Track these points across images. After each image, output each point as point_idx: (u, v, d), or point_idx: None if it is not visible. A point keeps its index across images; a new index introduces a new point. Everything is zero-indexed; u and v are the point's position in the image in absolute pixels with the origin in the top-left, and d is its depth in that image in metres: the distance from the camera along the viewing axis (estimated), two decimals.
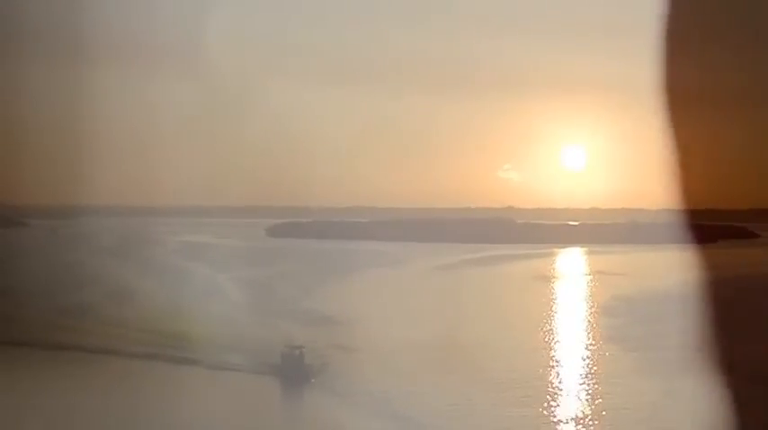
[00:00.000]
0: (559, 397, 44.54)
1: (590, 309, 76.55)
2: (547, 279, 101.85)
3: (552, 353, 55.81)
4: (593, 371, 50.33)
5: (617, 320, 67.60)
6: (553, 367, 51.13)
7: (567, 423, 40.27)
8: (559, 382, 47.49)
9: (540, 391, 44.93)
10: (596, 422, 39.28)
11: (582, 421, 40.72)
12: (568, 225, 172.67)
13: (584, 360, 53.77)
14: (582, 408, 41.91)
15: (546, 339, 60.25)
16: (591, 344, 58.61)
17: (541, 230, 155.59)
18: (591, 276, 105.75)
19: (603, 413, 39.88)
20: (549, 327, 66.11)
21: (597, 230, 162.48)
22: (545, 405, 42.56)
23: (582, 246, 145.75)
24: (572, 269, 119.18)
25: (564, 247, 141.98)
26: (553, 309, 79.17)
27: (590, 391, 44.64)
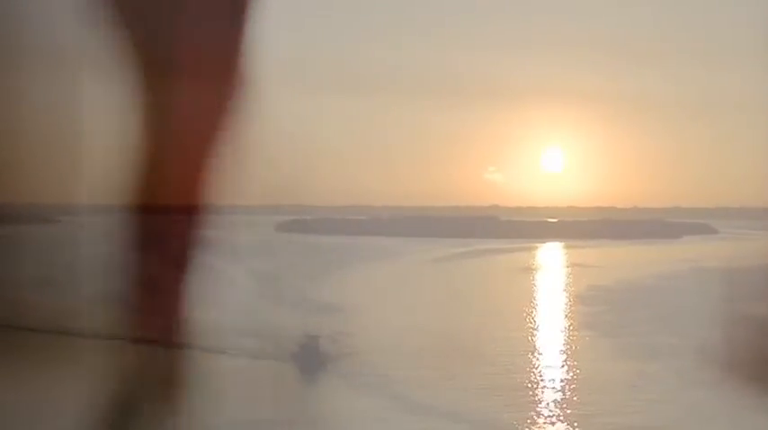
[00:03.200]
0: (540, 373, 45.01)
1: (568, 297, 76.94)
2: (529, 270, 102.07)
3: (534, 336, 56.16)
4: (570, 353, 50.74)
5: (592, 308, 67.93)
6: (534, 349, 51.51)
7: (548, 390, 40.86)
8: (540, 362, 47.90)
9: (523, 369, 45.40)
10: (571, 394, 39.70)
11: (559, 388, 41.24)
12: (548, 222, 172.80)
13: (563, 343, 54.20)
14: (559, 381, 42.38)
15: (528, 324, 60.58)
16: (569, 329, 58.97)
17: (523, 227, 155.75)
18: (569, 268, 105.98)
19: (578, 392, 40.27)
20: (531, 313, 66.44)
21: (574, 227, 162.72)
22: (528, 380, 43.04)
23: (560, 241, 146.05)
24: (552, 261, 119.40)
25: (544, 242, 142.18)
26: (535, 297, 79.58)
27: (567, 370, 45.04)
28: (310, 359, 43.49)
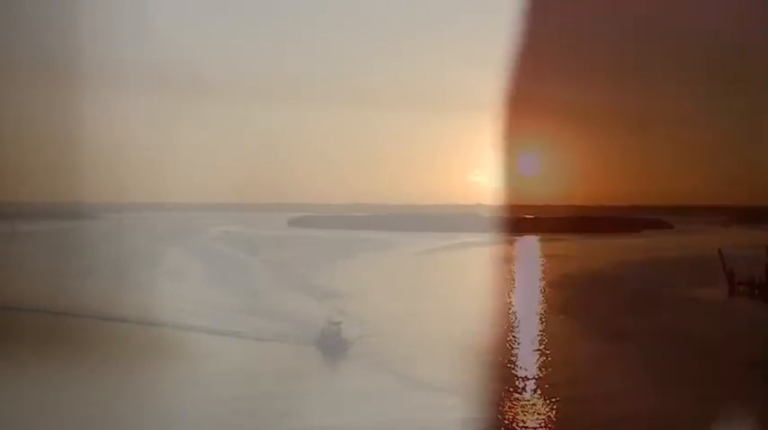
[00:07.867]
0: (518, 351, 44.92)
1: (543, 284, 76.85)
2: (508, 260, 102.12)
3: (513, 319, 56.04)
4: (544, 331, 50.66)
5: (564, 293, 67.95)
6: (513, 330, 51.42)
7: (526, 364, 40.82)
8: (518, 342, 47.82)
9: (504, 348, 45.36)
10: (546, 374, 39.63)
11: (535, 364, 41.21)
12: (525, 218, 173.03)
13: (538, 323, 54.10)
14: (534, 358, 42.31)
15: (508, 308, 60.50)
16: (544, 312, 58.87)
17: (504, 222, 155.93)
18: (544, 259, 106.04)
19: (551, 370, 40.18)
20: (510, 299, 66.38)
21: (548, 222, 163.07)
22: (508, 357, 42.97)
23: (536, 235, 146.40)
24: (529, 253, 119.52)
25: (522, 236, 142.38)
26: (514, 284, 79.49)
27: (542, 349, 44.95)
28: (333, 345, 42.35)
